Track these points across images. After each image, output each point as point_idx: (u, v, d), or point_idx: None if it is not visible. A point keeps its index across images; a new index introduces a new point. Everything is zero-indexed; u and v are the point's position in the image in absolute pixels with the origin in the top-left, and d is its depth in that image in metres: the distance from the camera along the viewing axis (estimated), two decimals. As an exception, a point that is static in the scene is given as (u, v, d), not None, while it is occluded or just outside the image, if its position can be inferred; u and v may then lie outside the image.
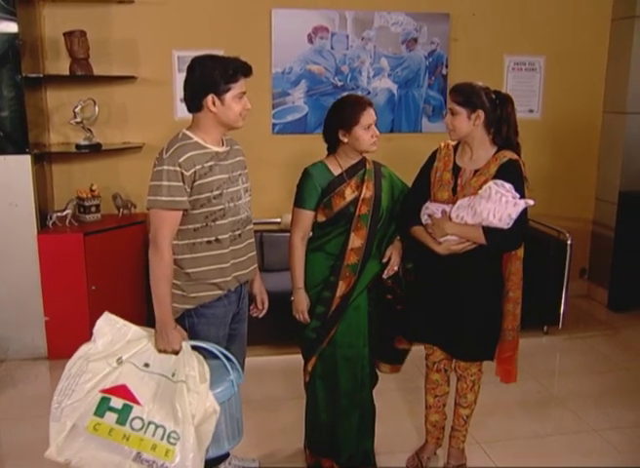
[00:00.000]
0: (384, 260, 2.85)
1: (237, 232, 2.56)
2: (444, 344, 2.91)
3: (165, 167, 2.35)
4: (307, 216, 2.82)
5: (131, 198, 4.57)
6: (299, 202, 2.83)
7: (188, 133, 2.47)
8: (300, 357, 2.98)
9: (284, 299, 2.97)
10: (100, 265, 4.20)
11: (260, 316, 2.87)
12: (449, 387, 3.08)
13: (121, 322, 2.44)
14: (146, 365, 2.36)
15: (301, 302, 2.85)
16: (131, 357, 2.37)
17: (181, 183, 2.36)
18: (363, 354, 2.89)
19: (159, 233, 2.37)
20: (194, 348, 2.42)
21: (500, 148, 2.71)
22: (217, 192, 2.44)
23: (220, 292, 2.55)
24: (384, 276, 2.86)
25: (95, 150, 4.41)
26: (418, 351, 3.08)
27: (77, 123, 4.33)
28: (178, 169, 2.34)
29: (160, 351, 2.39)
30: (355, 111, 2.71)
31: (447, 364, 3.01)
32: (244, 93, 2.44)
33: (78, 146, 4.37)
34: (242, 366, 2.71)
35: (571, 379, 4.12)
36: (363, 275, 2.82)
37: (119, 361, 2.35)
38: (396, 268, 2.87)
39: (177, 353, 2.38)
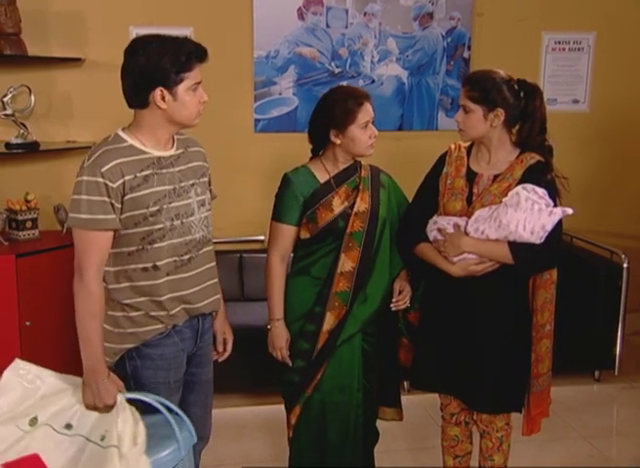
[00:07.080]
0: (395, 295, 2.92)
1: (186, 256, 2.52)
2: (461, 393, 2.90)
3: (85, 177, 2.34)
4: (287, 232, 2.90)
5: (77, 211, 4.45)
6: (276, 215, 2.92)
7: (123, 134, 2.47)
8: (286, 407, 3.01)
9: (266, 335, 3.00)
10: (36, 295, 4.07)
11: (221, 360, 2.81)
12: (472, 445, 3.07)
13: (35, 370, 2.37)
14: (68, 426, 2.28)
15: (280, 337, 2.88)
16: (49, 417, 2.28)
17: (106, 198, 2.33)
18: (357, 400, 2.90)
19: (84, 259, 2.35)
20: (130, 401, 2.33)
21: (523, 150, 2.75)
22: (154, 208, 2.42)
23: (161, 326, 2.51)
24: (393, 307, 2.92)
25: (31, 150, 4.36)
26: (432, 398, 3.06)
27: (7, 116, 4.28)
28: (100, 180, 2.32)
29: (88, 407, 2.32)
30: (350, 107, 2.76)
31: (468, 415, 3.01)
32: (199, 83, 2.45)
33: (9, 145, 4.30)
34: (207, 420, 2.73)
35: (633, 441, 4.03)
36: (356, 309, 2.84)
37: (33, 422, 2.26)
38: (408, 303, 2.94)
39: (110, 409, 2.30)
